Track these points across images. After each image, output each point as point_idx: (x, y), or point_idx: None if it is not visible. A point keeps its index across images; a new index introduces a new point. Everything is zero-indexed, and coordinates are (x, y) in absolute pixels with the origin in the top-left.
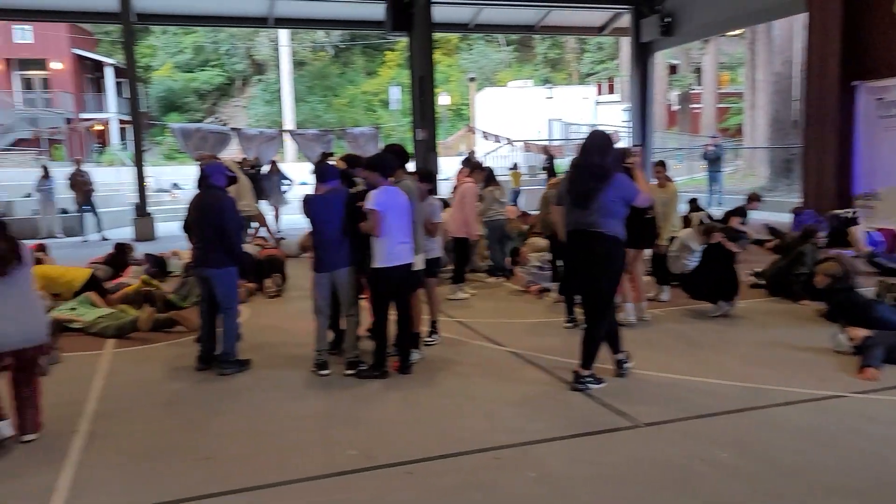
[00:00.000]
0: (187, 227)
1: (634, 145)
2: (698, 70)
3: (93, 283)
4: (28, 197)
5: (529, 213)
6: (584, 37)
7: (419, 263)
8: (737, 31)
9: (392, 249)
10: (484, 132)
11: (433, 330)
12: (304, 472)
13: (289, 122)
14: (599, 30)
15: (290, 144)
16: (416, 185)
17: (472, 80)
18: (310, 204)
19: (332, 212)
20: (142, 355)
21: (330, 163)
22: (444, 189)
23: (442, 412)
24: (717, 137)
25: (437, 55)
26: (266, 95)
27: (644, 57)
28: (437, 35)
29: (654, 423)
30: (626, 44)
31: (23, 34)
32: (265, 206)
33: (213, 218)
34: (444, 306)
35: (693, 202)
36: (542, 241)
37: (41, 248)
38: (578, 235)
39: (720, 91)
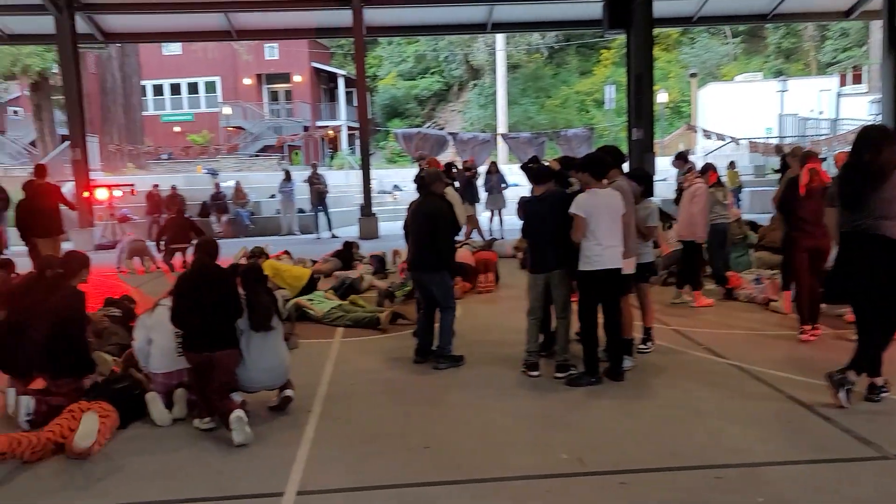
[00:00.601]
0: (407, 228)
1: None
2: None
3: (313, 282)
4: (272, 198)
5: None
6: (825, 22)
7: (630, 268)
8: None
9: (599, 253)
10: (704, 130)
11: (647, 337)
12: (519, 470)
13: (502, 125)
14: (846, 14)
15: (502, 147)
16: (630, 187)
17: (693, 75)
18: (524, 205)
19: (545, 213)
20: (365, 346)
21: (545, 163)
22: (664, 190)
23: (659, 423)
24: None
25: (655, 51)
26: (481, 99)
27: None
28: (656, 30)
29: None
30: (876, 28)
31: (271, 51)
32: (482, 209)
33: (430, 225)
34: (663, 313)
35: None
36: (771, 257)
37: (286, 253)
38: (854, 238)
39: None
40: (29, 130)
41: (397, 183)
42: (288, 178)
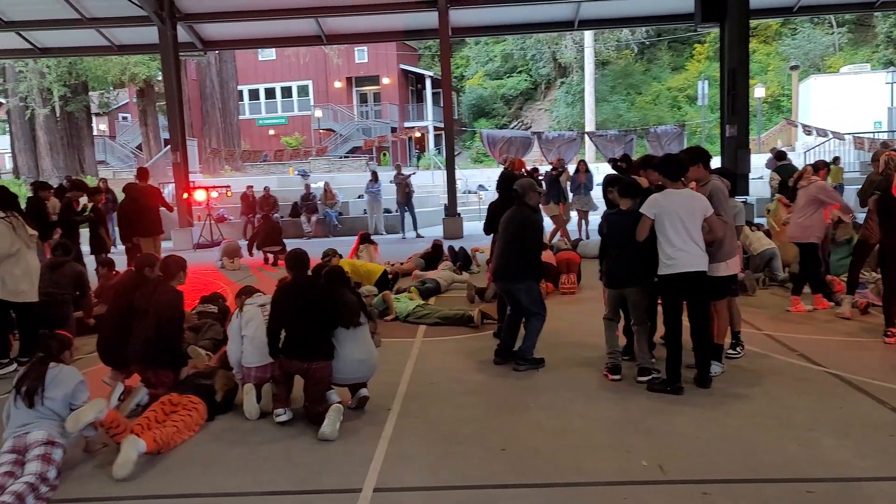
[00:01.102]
0: (489, 228)
1: None
2: None
3: (385, 279)
4: (360, 198)
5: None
6: None
7: (732, 269)
8: None
9: (672, 255)
10: (804, 125)
11: (736, 342)
12: (598, 475)
13: (589, 123)
14: None
15: (589, 146)
16: (722, 186)
17: (794, 68)
18: (608, 217)
19: (628, 226)
20: (446, 346)
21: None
22: (760, 189)
23: (746, 432)
24: None
25: (753, 43)
26: (568, 98)
27: None
28: (753, 22)
29: None
30: None
31: (360, 55)
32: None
33: (520, 235)
34: (755, 317)
35: None
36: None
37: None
38: None
39: None
40: (136, 135)
41: (482, 183)
42: (375, 178)
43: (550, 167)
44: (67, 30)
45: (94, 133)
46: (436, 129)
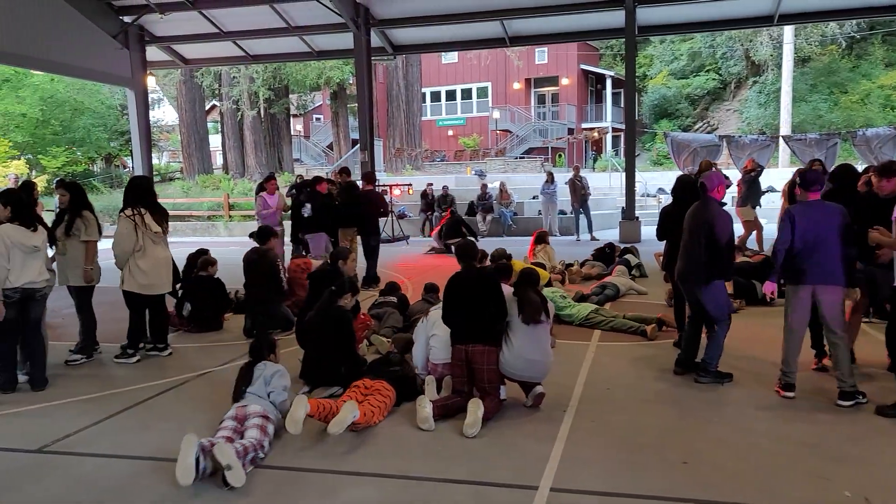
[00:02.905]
0: (662, 234)
1: None
2: None
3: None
4: (534, 199)
5: None
6: None
7: None
8: None
9: None
10: None
11: None
12: (792, 501)
13: (785, 125)
14: None
15: (783, 150)
16: None
17: None
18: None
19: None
20: (623, 351)
21: (815, 169)
22: None
23: None
24: None
25: None
26: (761, 97)
27: None
28: None
29: None
30: None
31: (540, 56)
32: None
33: (709, 232)
34: None
35: None
36: None
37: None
38: None
39: None
40: (327, 135)
41: (662, 186)
42: (551, 179)
43: (745, 170)
44: (275, 38)
45: (292, 133)
46: (614, 130)
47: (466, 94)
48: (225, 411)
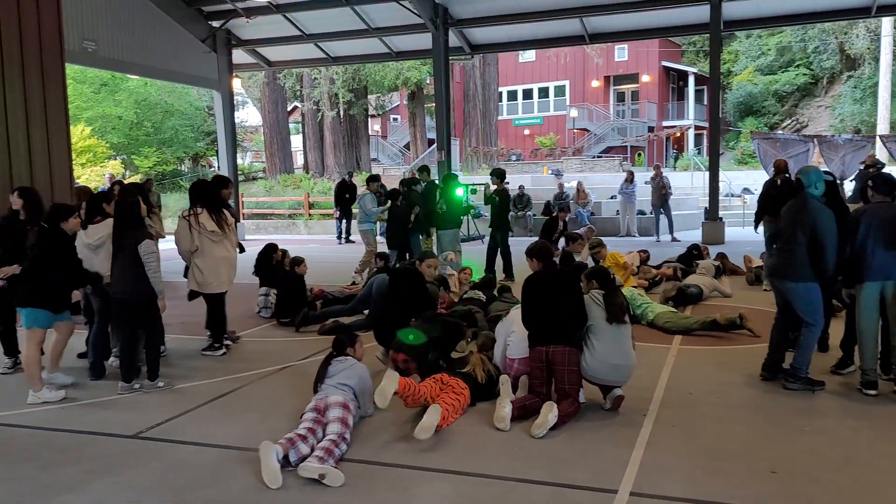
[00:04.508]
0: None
1: None
2: None
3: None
4: (613, 198)
5: None
6: None
7: None
8: None
9: None
10: None
11: None
12: None
13: (882, 121)
14: None
15: (880, 150)
16: None
17: None
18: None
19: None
20: (706, 355)
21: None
22: None
23: None
24: None
25: None
26: (856, 93)
27: None
28: None
29: None
30: None
31: (620, 53)
32: None
33: (807, 227)
34: None
35: None
36: None
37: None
38: None
39: None
40: (404, 135)
41: (747, 186)
42: (630, 179)
43: (863, 165)
44: (355, 40)
45: (370, 133)
46: (696, 128)
47: (543, 92)
48: (307, 402)
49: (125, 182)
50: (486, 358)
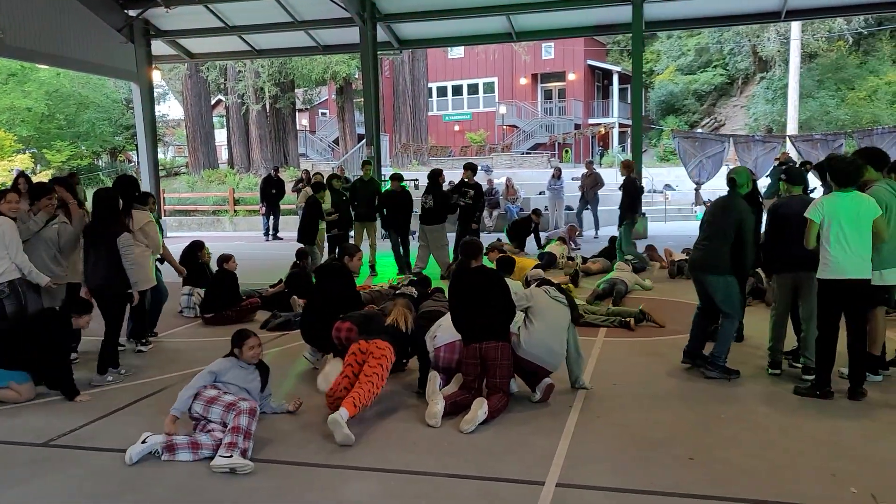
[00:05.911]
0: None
1: None
2: None
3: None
4: (541, 194)
5: None
6: None
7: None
8: None
9: (836, 261)
10: None
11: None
12: (801, 498)
13: (792, 121)
14: None
15: (790, 150)
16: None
17: None
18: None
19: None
20: (630, 346)
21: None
22: None
23: None
24: None
25: None
26: (768, 94)
27: None
28: None
29: None
30: None
31: (547, 51)
32: None
33: (734, 225)
34: None
35: None
36: None
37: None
38: None
39: None
40: (333, 130)
41: (669, 182)
42: (558, 175)
43: (777, 162)
44: (281, 32)
45: (297, 128)
46: (621, 125)
47: (473, 89)
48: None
49: (42, 177)
50: (407, 312)
